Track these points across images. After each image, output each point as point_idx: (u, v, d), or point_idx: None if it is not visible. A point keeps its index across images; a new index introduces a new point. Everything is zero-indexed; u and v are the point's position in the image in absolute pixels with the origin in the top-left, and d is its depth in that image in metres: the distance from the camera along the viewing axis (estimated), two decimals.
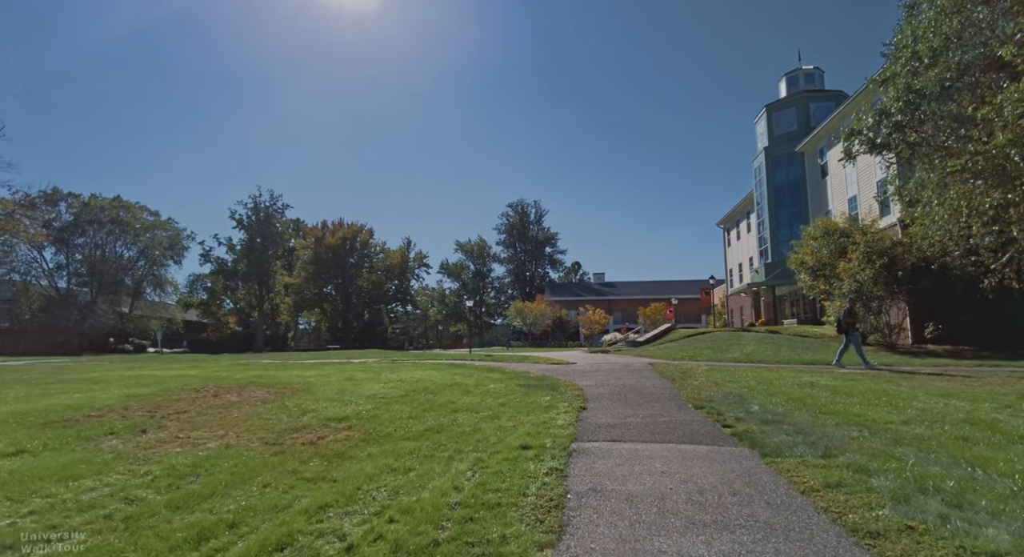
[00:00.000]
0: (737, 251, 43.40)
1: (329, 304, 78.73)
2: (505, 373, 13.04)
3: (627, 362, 17.17)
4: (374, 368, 15.32)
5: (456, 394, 8.94)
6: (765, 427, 6.00)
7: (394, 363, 18.39)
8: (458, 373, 13.03)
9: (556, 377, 11.89)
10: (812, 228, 22.31)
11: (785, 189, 32.67)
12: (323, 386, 10.27)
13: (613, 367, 14.98)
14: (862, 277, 18.83)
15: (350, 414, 6.92)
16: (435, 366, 16.10)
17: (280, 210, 74.61)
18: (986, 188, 14.41)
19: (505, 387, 9.92)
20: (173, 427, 6.13)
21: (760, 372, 12.38)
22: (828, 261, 21.20)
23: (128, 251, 63.09)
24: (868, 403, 7.48)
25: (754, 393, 8.85)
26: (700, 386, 9.91)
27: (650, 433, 5.94)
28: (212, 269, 71.16)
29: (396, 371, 13.83)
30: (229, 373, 14.48)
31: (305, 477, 4.20)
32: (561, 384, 10.44)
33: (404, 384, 10.49)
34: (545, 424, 6.28)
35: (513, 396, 8.73)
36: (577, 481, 4.09)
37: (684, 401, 8.30)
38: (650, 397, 8.73)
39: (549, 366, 15.85)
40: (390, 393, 9.03)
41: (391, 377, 11.94)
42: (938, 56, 14.97)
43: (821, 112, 31.51)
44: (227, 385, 10.55)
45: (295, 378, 12.07)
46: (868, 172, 24.85)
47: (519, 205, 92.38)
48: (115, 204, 59.50)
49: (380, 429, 6.07)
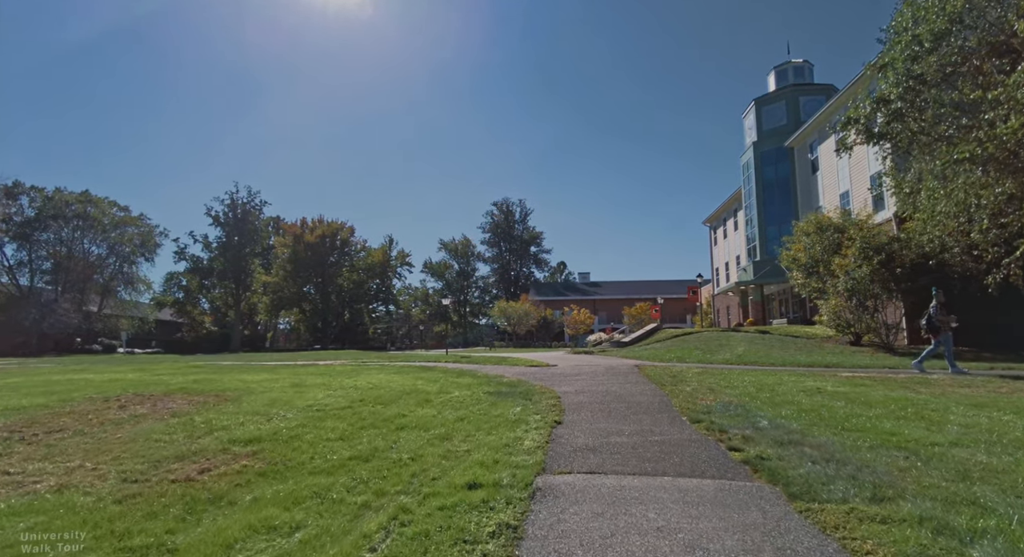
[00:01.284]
0: (724, 250, 42.53)
1: (308, 304, 76.57)
2: (476, 377, 11.71)
3: (611, 364, 15.94)
4: (333, 371, 13.88)
5: (410, 405, 7.58)
6: (782, 451, 4.75)
7: (361, 366, 16.95)
8: (424, 377, 11.66)
9: (532, 382, 10.58)
10: (805, 224, 21.32)
11: (774, 185, 31.78)
12: (260, 394, 8.85)
13: (596, 370, 13.73)
14: (858, 274, 17.83)
15: (265, 434, 5.53)
16: (403, 369, 14.71)
17: (258, 207, 72.48)
18: (996, 177, 13.44)
19: (471, 395, 8.59)
20: (17, 455, 4.70)
21: (757, 376, 11.20)
22: (822, 258, 20.21)
23: (97, 248, 60.57)
24: (896, 416, 6.28)
25: (757, 402, 7.62)
26: (694, 393, 8.68)
27: (639, 459, 4.66)
28: (187, 267, 68.67)
29: (355, 375, 12.42)
30: (170, 377, 12.96)
31: (130, 546, 2.83)
32: (536, 391, 9.14)
33: (356, 391, 9.11)
34: (507, 447, 4.97)
35: (478, 407, 7.40)
36: (535, 550, 2.78)
37: (677, 412, 7.04)
38: (637, 407, 7.46)
39: (527, 368, 14.56)
40: (332, 404, 7.64)
41: (345, 383, 10.53)
42: (940, 39, 13.99)
43: (811, 106, 30.67)
44: (149, 393, 9.07)
45: (235, 384, 10.61)
46: (861, 166, 23.96)
47: (504, 204, 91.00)
48: (82, 199, 56.95)
49: (292, 456, 4.70)
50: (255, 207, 71.15)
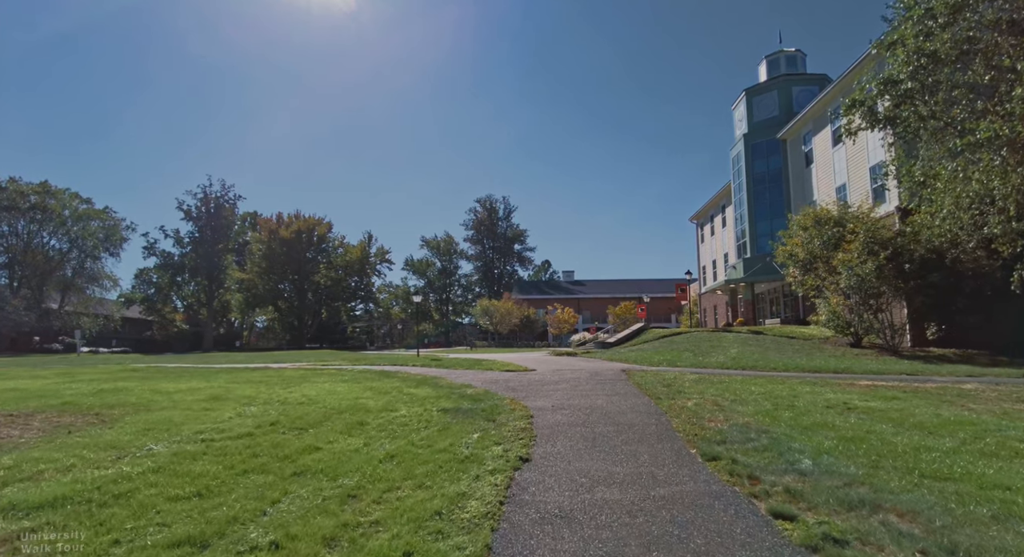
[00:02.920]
0: (711, 247, 41.25)
1: (283, 301, 73.81)
2: (438, 387, 9.95)
3: (596, 368, 14.31)
4: (277, 378, 12.04)
5: (336, 430, 5.82)
6: (861, 523, 3.09)
7: (315, 370, 15.10)
8: (374, 388, 9.87)
9: (502, 394, 8.86)
10: (802, 217, 19.92)
11: (765, 179, 30.46)
12: (156, 411, 7.01)
13: (579, 376, 12.06)
14: (862, 270, 16.43)
15: (80, 490, 3.72)
16: (359, 376, 12.91)
17: (232, 201, 69.56)
18: (1020, 161, 12.07)
19: (421, 414, 6.84)
20: None
21: (765, 386, 9.62)
22: (821, 253, 18.81)
23: (58, 242, 57.37)
24: (980, 451, 4.68)
25: (781, 425, 6.00)
26: (698, 411, 7.03)
27: (640, 542, 2.96)
28: (157, 263, 65.50)
29: (298, 384, 10.59)
30: (81, 385, 10.98)
31: None
32: (505, 407, 7.42)
33: (279, 408, 7.31)
34: (440, 515, 3.25)
35: (423, 433, 5.67)
36: None
37: (683, 441, 5.39)
38: (631, 432, 5.79)
39: (501, 374, 12.84)
40: (232, 428, 5.84)
41: (276, 395, 8.71)
42: (957, 11, 12.60)
43: (804, 97, 29.38)
44: (17, 410, 7.17)
45: (145, 396, 8.73)
46: (860, 158, 22.66)
47: (487, 201, 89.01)
48: (40, 189, 53.78)
49: (86, 541, 2.91)
50: (229, 201, 68.30)
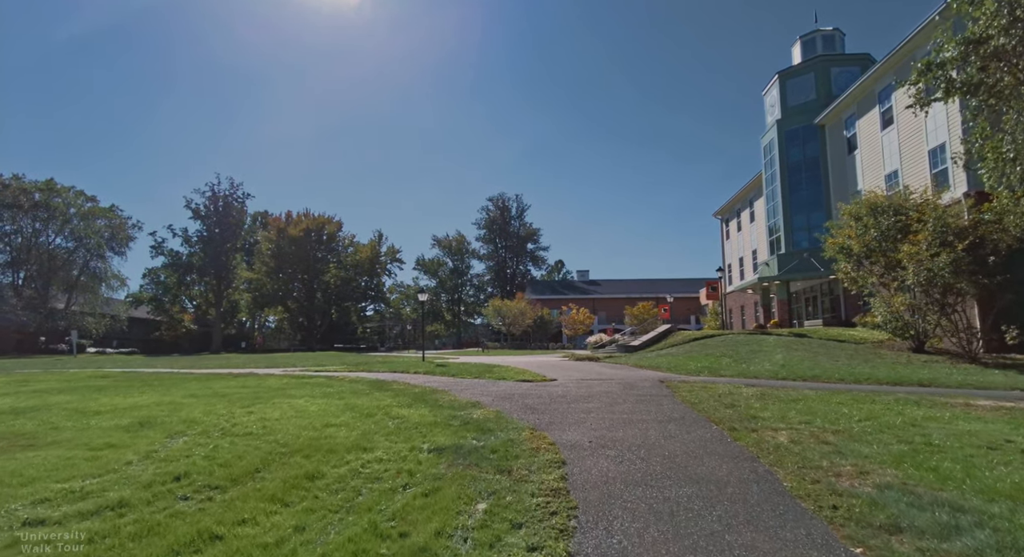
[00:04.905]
0: (738, 244, 38.74)
1: (292, 301, 72.29)
2: (437, 407, 7.87)
3: (627, 377, 12.17)
4: (242, 392, 10.06)
5: (266, 494, 3.77)
6: None
7: (297, 380, 13.13)
8: (357, 407, 7.81)
9: (518, 420, 6.75)
10: (854, 206, 17.53)
11: (801, 168, 27.98)
12: (55, 444, 5.05)
13: (611, 390, 9.92)
14: (935, 264, 14.08)
15: None
16: (346, 388, 10.90)
17: (241, 199, 67.69)
18: None
19: (406, 456, 4.78)
20: None
21: (858, 406, 7.40)
22: (878, 246, 16.45)
23: (63, 240, 56.29)
24: None
25: (951, 484, 3.85)
26: (802, 453, 4.87)
27: None
28: (165, 262, 64.21)
29: (263, 401, 8.59)
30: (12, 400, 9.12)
31: None
32: (523, 445, 5.33)
33: (218, 441, 5.30)
34: None
35: (401, 501, 3.62)
36: None
37: (820, 523, 3.25)
38: (725, 502, 3.66)
39: (516, 386, 10.75)
40: (108, 488, 3.83)
41: (227, 417, 6.71)
42: None
43: (844, 78, 26.88)
44: None
45: (56, 419, 6.78)
46: (916, 140, 20.21)
47: (500, 199, 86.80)
48: (43, 187, 52.72)
49: None
50: (238, 200, 66.66)
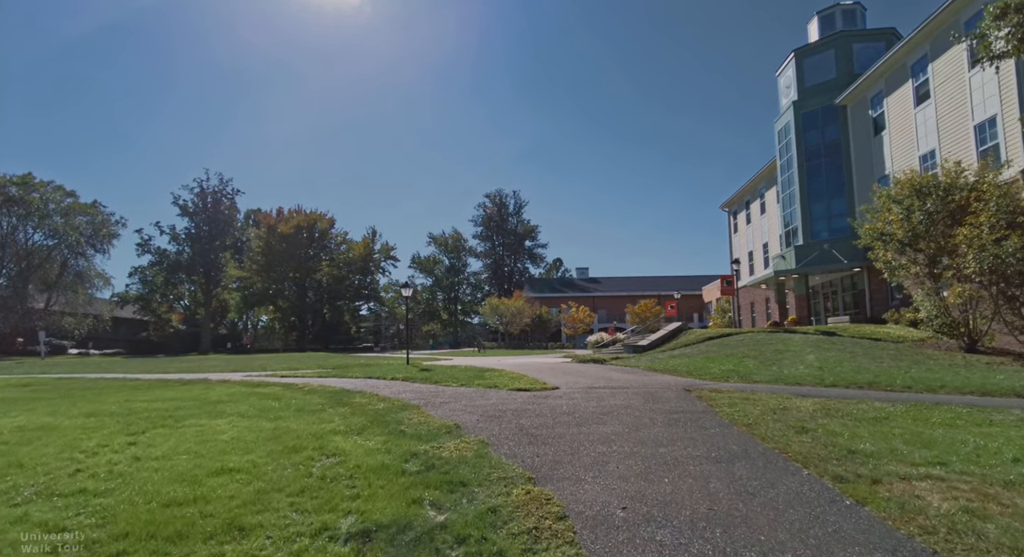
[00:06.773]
0: (748, 237, 36.63)
1: (283, 300, 69.92)
2: (397, 436, 5.72)
3: (645, 385, 10.05)
4: (162, 409, 7.92)
5: None
6: None
7: (247, 389, 10.98)
8: (287, 435, 5.66)
9: (508, 462, 4.62)
10: (895, 187, 15.40)
11: (820, 153, 25.86)
12: None
13: (631, 403, 7.80)
14: (1002, 250, 12.00)
15: None
16: (291, 403, 8.76)
17: (230, 195, 65.27)
18: None
19: (300, 555, 2.63)
20: None
21: (982, 429, 5.30)
22: (925, 231, 14.33)
23: (43, 238, 53.89)
24: None
25: None
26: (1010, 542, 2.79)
27: None
28: (151, 260, 61.62)
29: (173, 424, 6.45)
30: None
31: None
32: (513, 526, 3.23)
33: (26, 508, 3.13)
34: None
35: None
36: None
37: None
38: None
39: (509, 396, 8.62)
40: None
41: (92, 458, 4.58)
42: None
43: (868, 55, 24.76)
44: None
45: None
46: (959, 114, 18.10)
47: (497, 195, 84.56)
48: (19, 182, 50.30)
49: None
50: (227, 196, 64.27)
